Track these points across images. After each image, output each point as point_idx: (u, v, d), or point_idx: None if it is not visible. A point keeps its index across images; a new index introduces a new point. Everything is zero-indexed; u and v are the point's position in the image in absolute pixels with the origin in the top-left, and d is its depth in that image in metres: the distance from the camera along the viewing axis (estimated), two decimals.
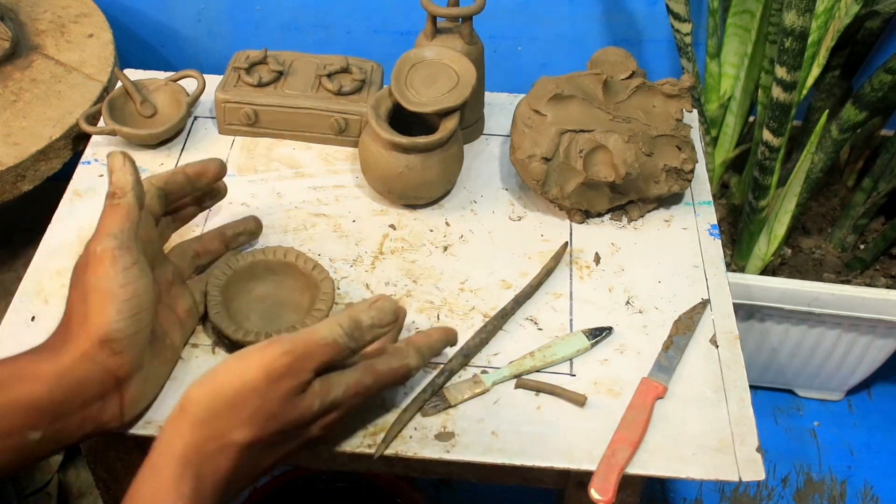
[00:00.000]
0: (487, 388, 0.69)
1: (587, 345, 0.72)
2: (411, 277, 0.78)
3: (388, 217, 0.83)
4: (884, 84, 1.05)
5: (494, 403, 0.69)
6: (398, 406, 0.68)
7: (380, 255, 0.80)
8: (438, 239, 0.82)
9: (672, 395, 0.70)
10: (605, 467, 0.64)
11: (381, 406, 0.68)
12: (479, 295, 0.77)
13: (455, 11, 0.82)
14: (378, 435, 0.66)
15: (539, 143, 0.79)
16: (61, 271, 0.76)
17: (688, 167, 0.82)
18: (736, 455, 0.66)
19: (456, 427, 0.67)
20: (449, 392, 0.69)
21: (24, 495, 1.11)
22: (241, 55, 0.92)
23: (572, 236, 0.82)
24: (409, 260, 0.79)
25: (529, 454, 0.66)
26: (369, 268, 0.78)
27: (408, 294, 0.76)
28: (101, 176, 0.86)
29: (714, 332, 0.74)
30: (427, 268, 0.79)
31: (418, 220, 0.83)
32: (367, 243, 0.81)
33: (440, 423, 0.67)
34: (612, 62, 0.86)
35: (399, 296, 0.76)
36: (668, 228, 0.83)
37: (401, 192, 0.82)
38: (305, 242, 0.80)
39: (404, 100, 0.80)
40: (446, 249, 0.81)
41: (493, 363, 0.71)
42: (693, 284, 0.78)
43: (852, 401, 1.40)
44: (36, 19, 1.07)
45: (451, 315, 0.75)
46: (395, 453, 0.65)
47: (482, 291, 0.77)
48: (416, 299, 0.76)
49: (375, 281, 0.77)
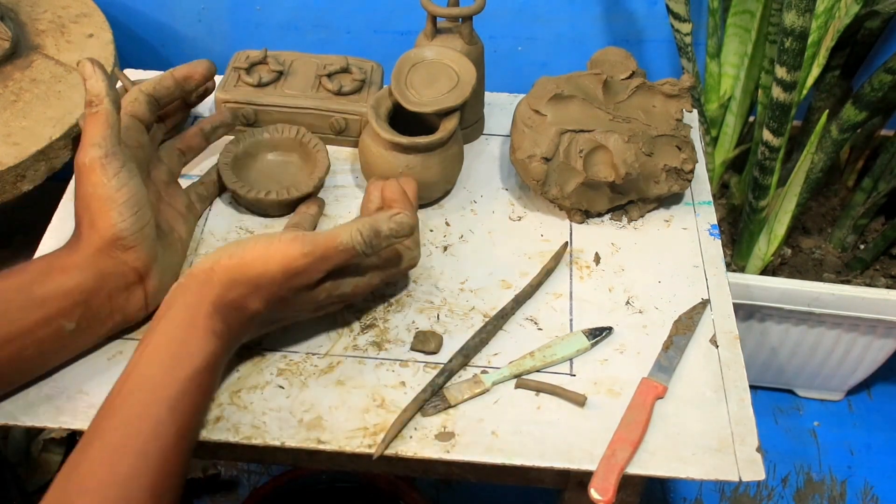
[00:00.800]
0: (487, 388, 0.69)
1: (587, 345, 0.72)
2: (411, 277, 0.78)
3: None
4: (884, 84, 1.05)
5: (494, 403, 0.69)
6: (398, 406, 0.68)
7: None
8: (438, 239, 0.82)
9: (672, 395, 0.70)
10: (605, 467, 0.64)
11: (381, 406, 0.68)
12: (479, 295, 0.77)
13: (455, 11, 0.82)
14: (378, 435, 0.66)
15: (539, 143, 0.79)
16: None
17: (688, 167, 0.82)
18: (736, 455, 0.66)
19: (456, 427, 0.67)
20: (449, 392, 0.69)
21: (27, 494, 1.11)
22: (241, 55, 0.92)
23: (572, 236, 0.82)
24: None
25: (529, 454, 0.66)
26: None
27: (408, 294, 0.76)
28: None
29: (714, 332, 0.74)
30: (427, 268, 0.79)
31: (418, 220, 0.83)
32: None
33: (440, 423, 0.67)
34: (612, 62, 0.86)
35: (399, 296, 0.76)
36: (668, 228, 0.83)
37: None
38: None
39: (404, 100, 0.80)
40: (446, 249, 0.81)
41: (494, 363, 0.71)
42: (693, 284, 0.78)
43: (852, 401, 1.40)
44: (36, 19, 1.07)
45: (451, 315, 0.75)
46: (396, 453, 0.65)
47: (482, 291, 0.77)
48: (416, 299, 0.76)
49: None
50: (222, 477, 1.29)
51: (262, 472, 1.30)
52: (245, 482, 1.29)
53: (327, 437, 0.66)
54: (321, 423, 0.67)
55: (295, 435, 0.66)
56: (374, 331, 0.74)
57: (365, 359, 0.72)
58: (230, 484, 1.29)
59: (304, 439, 0.66)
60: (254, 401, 0.68)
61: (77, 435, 0.62)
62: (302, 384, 0.70)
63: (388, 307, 0.75)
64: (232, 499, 1.28)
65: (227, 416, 0.67)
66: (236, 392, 0.69)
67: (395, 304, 0.76)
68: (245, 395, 0.69)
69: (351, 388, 0.69)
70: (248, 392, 0.69)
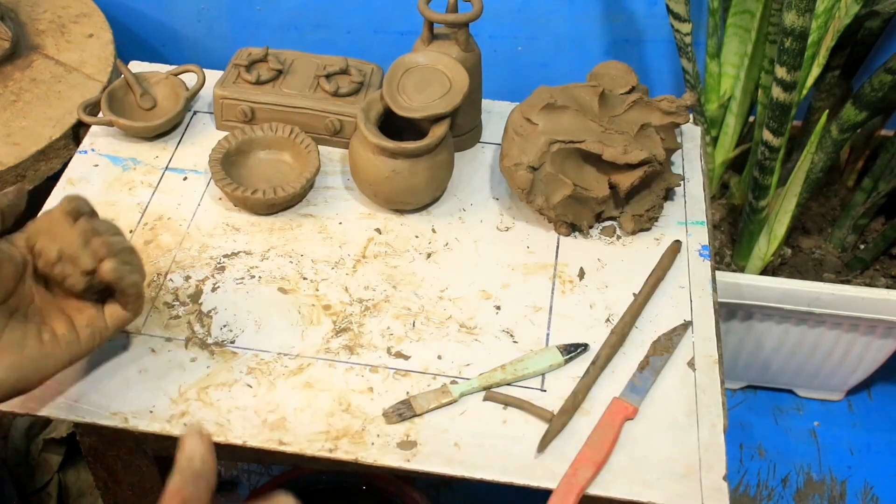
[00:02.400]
0: (455, 399, 0.68)
1: (560, 360, 0.71)
2: (391, 283, 0.77)
3: (375, 221, 0.83)
4: (884, 84, 1.04)
5: (461, 415, 0.68)
6: (364, 412, 0.67)
7: (362, 259, 0.79)
8: (423, 245, 0.81)
9: (643, 417, 0.68)
10: (566, 486, 0.63)
11: (347, 411, 0.68)
12: (458, 304, 0.76)
13: (451, 18, 0.81)
14: (340, 440, 0.66)
15: (527, 151, 0.78)
16: None
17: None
18: (701, 482, 0.64)
19: (419, 436, 0.66)
20: (415, 401, 0.68)
21: (25, 495, 1.12)
22: (243, 52, 0.92)
23: (559, 250, 0.81)
24: (391, 265, 0.79)
25: (491, 468, 0.65)
26: (350, 271, 0.78)
27: (386, 300, 0.76)
28: (97, 166, 0.87)
29: (693, 354, 0.73)
30: (408, 274, 0.78)
31: (405, 225, 0.83)
32: (350, 246, 0.80)
33: (403, 431, 0.66)
34: (613, 76, 0.85)
35: (377, 301, 0.76)
36: (657, 246, 0.82)
37: (387, 197, 0.81)
38: (289, 242, 0.80)
39: (395, 104, 0.79)
40: (430, 256, 0.80)
41: (464, 374, 0.71)
42: (677, 305, 0.77)
43: (852, 401, 1.39)
44: (36, 19, 1.08)
45: (426, 323, 0.74)
46: (355, 459, 0.65)
47: (460, 301, 0.76)
48: (394, 305, 0.75)
49: (355, 285, 0.77)
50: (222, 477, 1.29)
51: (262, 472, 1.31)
52: (245, 482, 1.29)
53: (289, 438, 0.66)
54: (285, 424, 0.67)
55: (258, 435, 0.66)
56: (349, 334, 0.73)
57: (336, 362, 0.71)
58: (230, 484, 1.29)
59: (267, 439, 0.66)
60: (221, 398, 0.68)
61: (77, 429, 0.62)
62: (270, 384, 0.69)
63: (364, 311, 0.75)
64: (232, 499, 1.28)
65: (193, 412, 0.67)
66: (204, 388, 0.69)
67: (372, 308, 0.75)
68: (213, 392, 0.69)
69: (318, 392, 0.69)
70: (216, 389, 0.69)
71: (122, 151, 0.88)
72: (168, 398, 0.68)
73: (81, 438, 0.76)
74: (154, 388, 0.69)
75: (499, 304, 0.76)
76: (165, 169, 0.87)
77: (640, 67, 1.25)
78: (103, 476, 0.80)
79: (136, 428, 0.66)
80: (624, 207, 0.83)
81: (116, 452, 0.77)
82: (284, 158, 0.86)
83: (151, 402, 0.68)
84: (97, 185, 0.85)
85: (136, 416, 0.67)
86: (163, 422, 0.67)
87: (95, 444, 0.76)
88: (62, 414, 0.67)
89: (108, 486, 0.81)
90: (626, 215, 0.83)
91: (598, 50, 1.24)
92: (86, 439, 0.76)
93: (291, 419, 0.67)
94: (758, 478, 1.30)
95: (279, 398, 0.68)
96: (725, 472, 0.65)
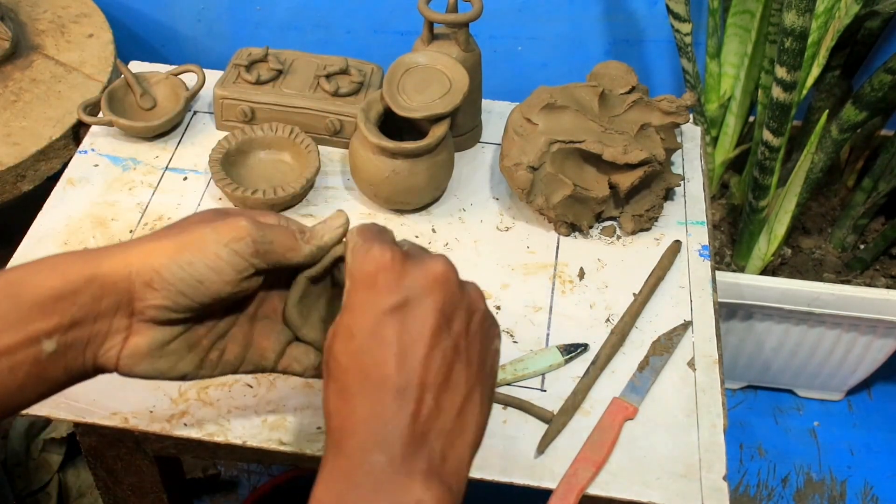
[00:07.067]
0: None
1: (560, 360, 0.71)
2: None
3: (375, 221, 0.83)
4: (884, 84, 1.04)
5: None
6: None
7: None
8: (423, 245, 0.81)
9: (643, 417, 0.68)
10: (565, 486, 0.63)
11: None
12: None
13: (451, 18, 0.81)
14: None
15: (527, 151, 0.78)
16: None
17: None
18: (701, 482, 0.64)
19: None
20: None
21: (25, 495, 1.12)
22: (243, 52, 0.92)
23: (559, 249, 0.81)
24: None
25: (491, 468, 0.65)
26: None
27: None
28: (97, 166, 0.87)
29: (693, 355, 0.73)
30: None
31: (405, 225, 0.83)
32: None
33: None
34: (613, 76, 0.85)
35: None
36: (657, 247, 0.82)
37: (387, 197, 0.81)
38: None
39: (395, 104, 0.79)
40: None
41: None
42: (677, 305, 0.77)
43: (852, 401, 1.40)
44: (36, 19, 1.08)
45: None
46: None
47: None
48: None
49: None
50: (222, 477, 1.29)
51: (262, 472, 1.31)
52: (245, 482, 1.29)
53: (289, 438, 0.66)
54: (284, 423, 0.67)
55: (257, 434, 0.66)
56: None
57: None
58: (230, 484, 1.29)
59: (266, 439, 0.66)
60: (220, 398, 0.68)
61: (77, 429, 0.62)
62: (270, 384, 0.69)
63: None
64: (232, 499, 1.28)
65: (193, 411, 0.67)
66: (204, 388, 0.69)
67: None
68: (213, 392, 0.69)
69: (318, 391, 0.69)
70: (216, 388, 0.69)
71: (122, 151, 0.88)
72: (168, 398, 0.68)
73: (81, 438, 0.76)
74: (154, 388, 0.69)
75: (499, 304, 0.76)
76: (165, 169, 0.87)
77: (640, 67, 1.25)
78: (103, 476, 0.80)
79: (136, 428, 0.66)
80: (624, 207, 0.83)
81: (116, 452, 0.77)
82: (284, 158, 0.86)
83: (151, 402, 0.68)
84: (97, 185, 0.85)
85: (136, 416, 0.67)
86: (163, 422, 0.67)
87: (95, 444, 0.76)
88: (62, 414, 0.67)
89: (108, 486, 0.81)
90: (626, 215, 0.83)
91: (598, 50, 1.24)
92: (86, 439, 0.76)
93: (291, 419, 0.67)
94: (758, 478, 1.30)
95: (279, 398, 0.68)
96: (725, 472, 0.65)
